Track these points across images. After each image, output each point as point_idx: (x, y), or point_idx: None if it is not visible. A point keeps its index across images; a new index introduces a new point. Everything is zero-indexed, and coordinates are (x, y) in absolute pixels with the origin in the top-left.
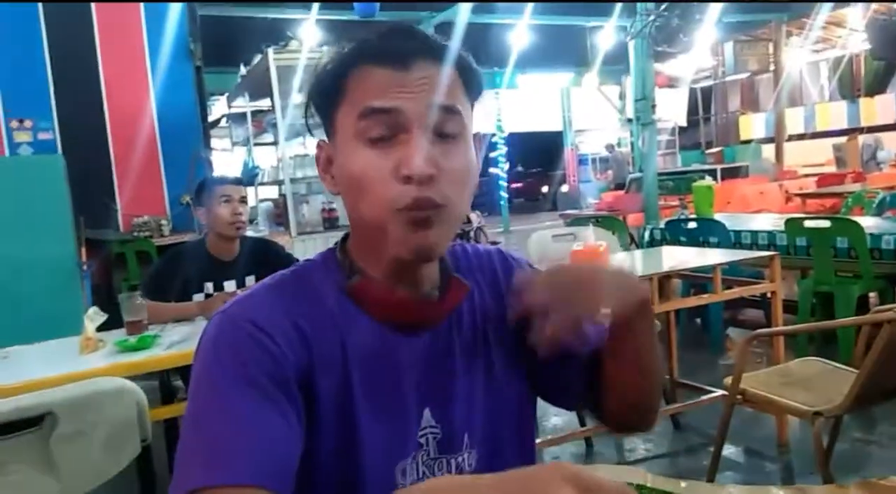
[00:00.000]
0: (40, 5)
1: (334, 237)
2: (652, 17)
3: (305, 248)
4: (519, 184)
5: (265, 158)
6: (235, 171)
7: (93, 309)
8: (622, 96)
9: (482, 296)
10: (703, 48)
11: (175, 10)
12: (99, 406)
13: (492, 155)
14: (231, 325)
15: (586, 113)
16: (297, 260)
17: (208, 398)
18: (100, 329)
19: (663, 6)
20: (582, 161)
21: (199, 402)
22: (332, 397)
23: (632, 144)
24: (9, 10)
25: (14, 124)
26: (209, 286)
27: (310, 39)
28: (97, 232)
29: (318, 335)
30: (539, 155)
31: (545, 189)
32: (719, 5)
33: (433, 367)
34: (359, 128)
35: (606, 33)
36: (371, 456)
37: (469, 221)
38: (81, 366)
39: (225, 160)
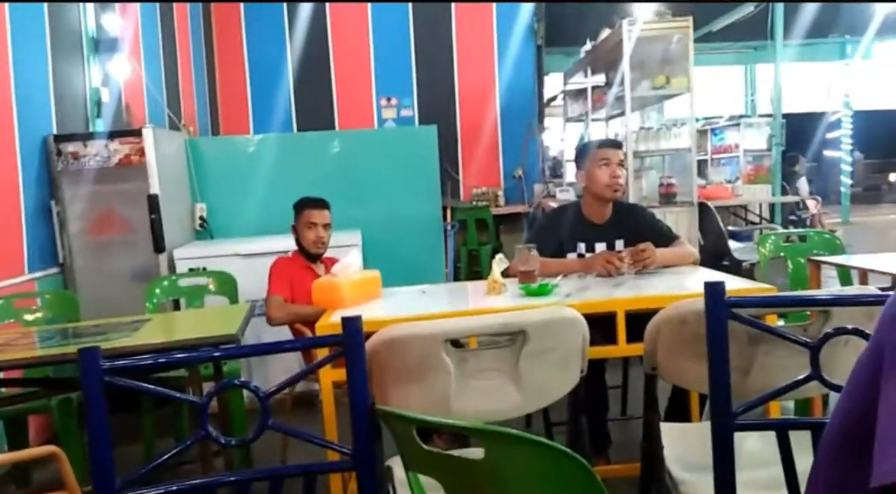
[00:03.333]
0: (410, 6)
1: (672, 212)
2: None
3: None
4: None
5: (598, 134)
6: (572, 146)
7: (499, 256)
8: None
9: None
10: None
11: None
12: (560, 330)
13: (831, 135)
14: None
15: None
16: (666, 226)
17: None
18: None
19: None
20: None
21: None
22: None
23: None
24: (386, 9)
25: (383, 102)
26: (582, 246)
27: (647, 13)
28: (446, 199)
29: None
30: (887, 138)
31: (893, 177)
32: None
33: None
34: None
35: None
36: None
37: (805, 207)
38: (490, 304)
39: (557, 136)
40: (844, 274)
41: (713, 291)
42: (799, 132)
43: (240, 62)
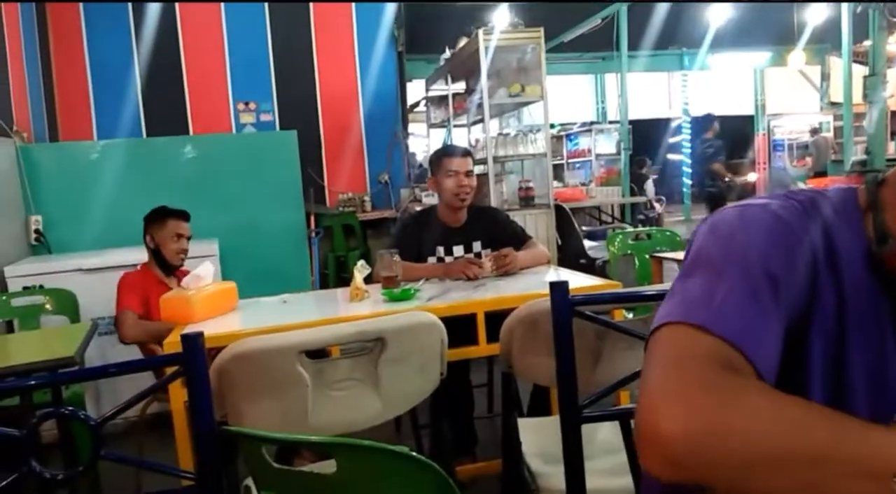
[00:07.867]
0: (266, 7)
1: (531, 214)
2: None
3: None
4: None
5: (460, 139)
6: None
7: (361, 263)
8: (825, 77)
9: None
10: None
11: None
12: (418, 335)
13: (673, 140)
14: (784, 221)
15: (782, 96)
16: (519, 227)
17: (732, 258)
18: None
19: None
20: (776, 147)
21: (722, 254)
22: (823, 350)
23: (835, 129)
24: (241, 10)
25: (241, 106)
26: (440, 250)
27: (502, 23)
28: (310, 205)
29: (823, 278)
30: (724, 141)
31: (727, 178)
32: None
33: None
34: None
35: (817, 7)
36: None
37: (651, 207)
38: (353, 311)
39: (421, 141)
40: None
41: (558, 290)
42: (645, 137)
43: (80, 63)
